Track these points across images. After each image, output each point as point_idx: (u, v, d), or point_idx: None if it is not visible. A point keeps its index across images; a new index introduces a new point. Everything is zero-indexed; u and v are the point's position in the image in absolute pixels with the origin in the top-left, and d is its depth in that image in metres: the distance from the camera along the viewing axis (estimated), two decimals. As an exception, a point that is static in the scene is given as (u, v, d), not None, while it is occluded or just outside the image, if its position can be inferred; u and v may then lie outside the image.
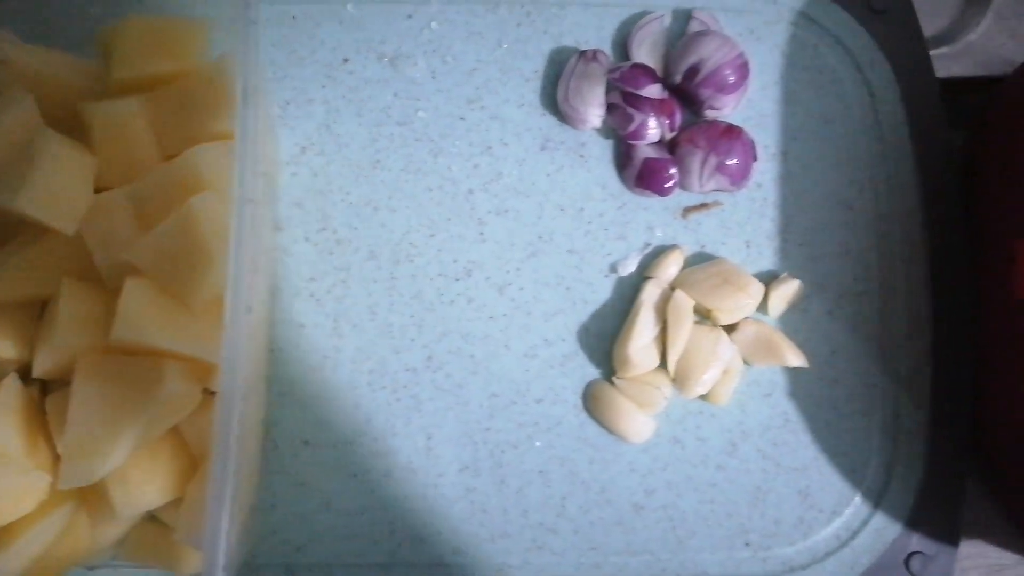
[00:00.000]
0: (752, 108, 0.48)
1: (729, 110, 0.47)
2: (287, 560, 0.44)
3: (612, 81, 0.46)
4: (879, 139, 0.48)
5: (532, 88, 0.48)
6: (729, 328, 0.46)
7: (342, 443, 0.45)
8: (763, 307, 0.46)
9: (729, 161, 0.46)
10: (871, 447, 0.46)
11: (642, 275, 0.47)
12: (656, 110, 0.46)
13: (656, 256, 0.47)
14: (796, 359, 0.45)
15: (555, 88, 0.48)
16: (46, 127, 0.38)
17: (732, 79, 0.46)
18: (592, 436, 0.45)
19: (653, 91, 0.46)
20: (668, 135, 0.47)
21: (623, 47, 0.49)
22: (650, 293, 0.45)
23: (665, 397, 0.45)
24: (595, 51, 0.47)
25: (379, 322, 0.46)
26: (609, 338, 0.46)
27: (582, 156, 0.48)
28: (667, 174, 0.46)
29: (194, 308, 0.35)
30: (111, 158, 0.39)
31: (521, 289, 0.46)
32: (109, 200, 0.38)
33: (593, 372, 0.46)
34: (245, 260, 0.32)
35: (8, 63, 0.39)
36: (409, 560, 0.44)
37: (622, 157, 0.47)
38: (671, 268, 0.46)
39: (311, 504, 0.44)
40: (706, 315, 0.46)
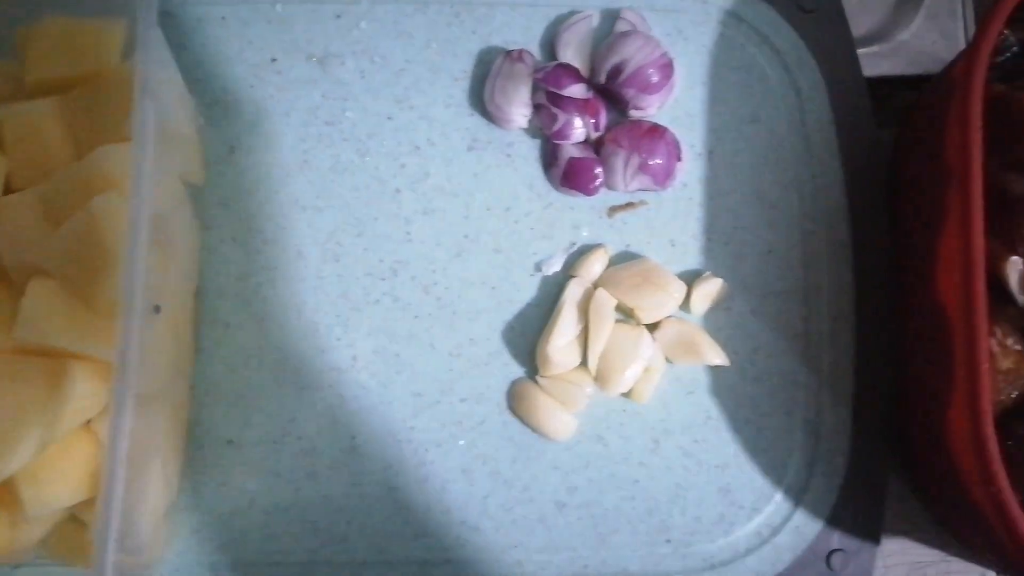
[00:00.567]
0: (679, 108, 0.49)
1: (655, 110, 0.48)
2: (210, 559, 0.44)
3: (536, 81, 0.46)
4: (805, 138, 0.48)
5: (460, 88, 0.49)
6: (652, 327, 0.46)
7: (266, 442, 0.45)
8: (687, 306, 0.46)
9: (652, 161, 0.46)
10: (793, 445, 0.46)
11: (567, 274, 0.47)
12: (580, 110, 0.46)
13: (581, 255, 0.47)
14: (717, 357, 0.45)
15: (483, 88, 0.48)
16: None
17: (656, 79, 0.46)
18: (515, 434, 0.46)
19: (576, 91, 0.46)
20: (594, 135, 0.47)
21: (551, 47, 0.49)
22: (573, 292, 0.46)
23: (587, 395, 0.45)
24: (521, 51, 0.47)
25: (305, 321, 0.46)
26: (533, 337, 0.46)
27: (509, 156, 0.48)
28: (592, 174, 0.47)
29: (98, 309, 0.36)
30: (23, 159, 0.39)
31: (447, 288, 0.47)
32: (18, 201, 0.38)
33: (518, 371, 0.46)
34: (141, 260, 0.32)
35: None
36: (332, 559, 0.44)
37: (548, 157, 0.48)
38: (595, 267, 0.46)
39: (235, 503, 0.45)
40: (629, 314, 0.46)
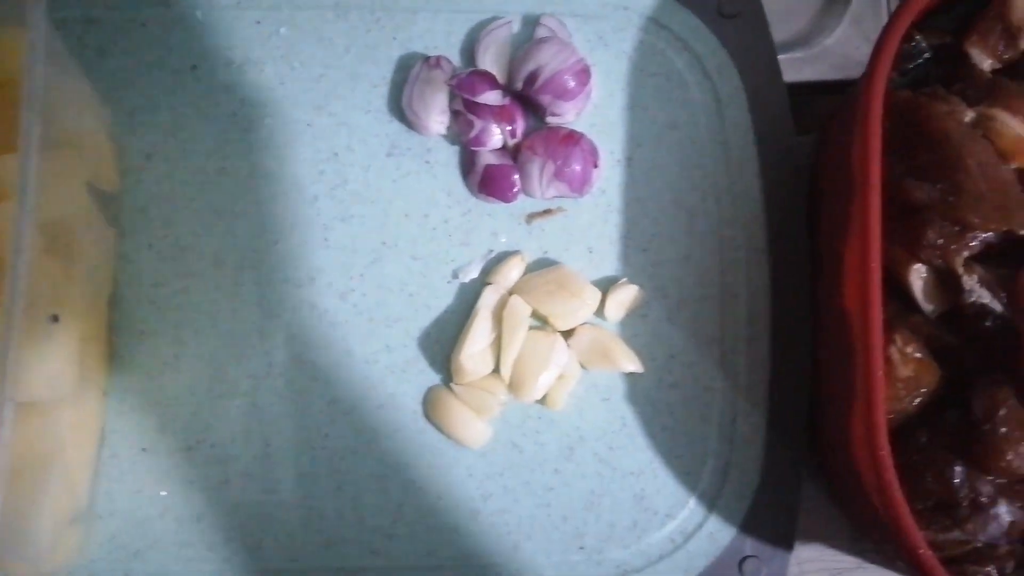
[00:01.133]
0: (598, 114, 0.49)
1: (573, 116, 0.48)
2: (124, 566, 0.44)
3: (451, 88, 0.46)
4: (724, 145, 0.48)
5: (380, 94, 0.49)
6: (567, 333, 0.46)
7: (180, 450, 0.45)
8: (603, 312, 0.46)
9: (568, 168, 0.46)
10: (707, 451, 0.46)
11: (484, 281, 0.47)
12: (496, 117, 0.46)
13: (498, 262, 0.47)
14: (631, 364, 0.45)
15: (402, 94, 0.48)
16: None
17: (571, 85, 0.46)
18: (431, 442, 0.46)
19: (492, 98, 0.46)
20: (511, 142, 0.47)
21: (472, 53, 0.49)
22: (488, 299, 0.46)
23: (501, 403, 0.45)
24: (438, 58, 0.47)
25: (221, 329, 0.46)
26: (450, 344, 0.46)
27: (428, 162, 0.48)
28: (509, 181, 0.47)
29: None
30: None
31: (364, 295, 0.47)
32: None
33: (434, 378, 0.46)
34: (23, 268, 0.32)
35: None
36: (245, 566, 0.44)
37: (466, 164, 0.48)
38: (511, 274, 0.46)
39: (149, 511, 0.45)
40: (545, 320, 0.46)
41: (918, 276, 0.40)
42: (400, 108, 0.48)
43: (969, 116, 0.40)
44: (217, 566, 0.44)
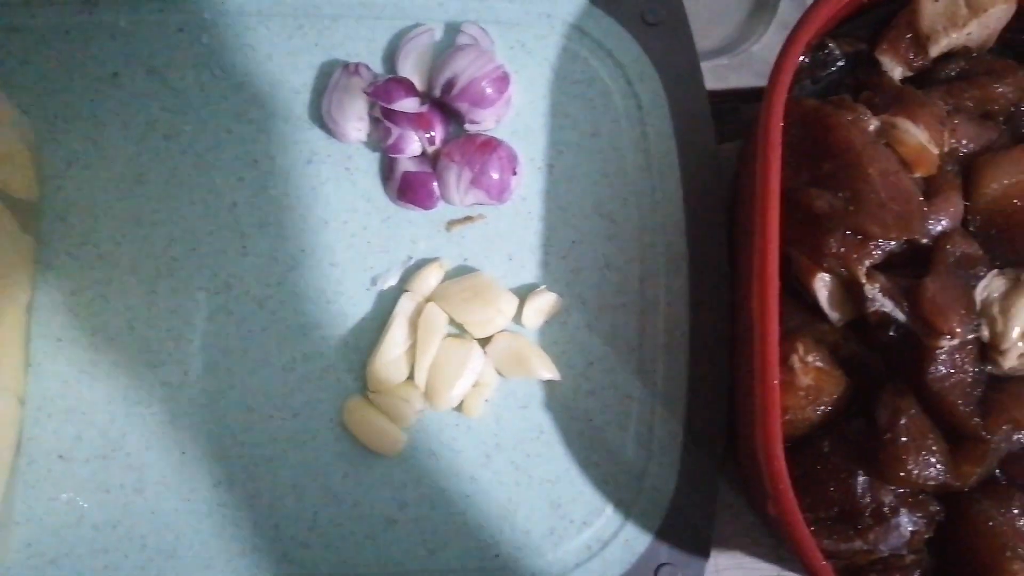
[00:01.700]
0: (519, 121, 0.49)
1: (492, 123, 0.48)
2: (40, 574, 0.44)
3: (367, 95, 0.46)
4: (646, 152, 0.48)
5: (301, 101, 0.48)
6: (486, 341, 0.46)
7: (96, 458, 0.45)
8: (522, 320, 0.46)
9: (485, 175, 0.46)
10: (624, 458, 0.46)
11: (402, 288, 0.47)
12: (414, 124, 0.46)
13: (417, 269, 0.47)
14: (547, 372, 0.45)
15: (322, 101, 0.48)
16: None
17: (489, 92, 0.46)
18: (347, 450, 0.45)
19: (408, 105, 0.46)
20: (430, 149, 0.47)
21: (393, 60, 0.49)
22: (404, 306, 0.46)
23: (416, 411, 0.45)
24: (357, 64, 0.47)
25: (137, 336, 0.46)
26: (367, 352, 0.46)
27: (348, 169, 0.48)
28: (428, 188, 0.47)
29: None
30: None
31: (282, 303, 0.47)
32: None
33: (351, 386, 0.46)
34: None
35: None
36: (160, 575, 0.44)
37: (386, 170, 0.48)
38: (429, 281, 0.46)
39: (65, 518, 0.44)
40: (462, 328, 0.46)
41: (823, 285, 0.40)
42: (321, 115, 0.48)
43: (874, 125, 0.40)
44: (132, 574, 0.44)
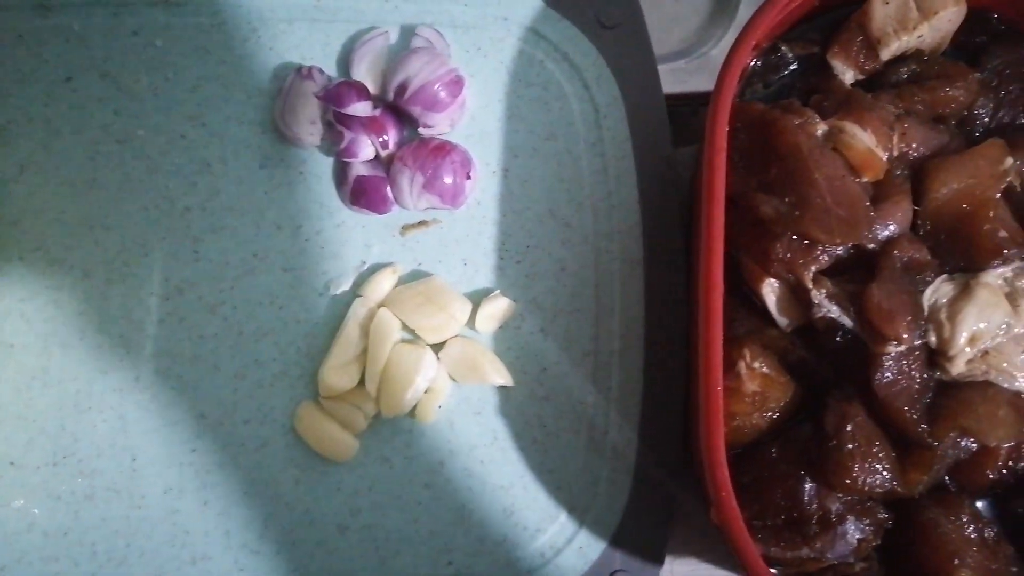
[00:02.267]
0: (475, 125, 0.48)
1: (446, 127, 0.47)
2: (-11, 583, 0.44)
3: (319, 99, 0.46)
4: (602, 156, 0.48)
5: (254, 105, 0.48)
6: (440, 346, 0.46)
7: (47, 465, 0.45)
8: (476, 325, 0.46)
9: (438, 179, 0.45)
10: (578, 465, 0.46)
11: (356, 294, 0.46)
12: (367, 128, 0.46)
13: (370, 274, 0.46)
14: (500, 378, 0.45)
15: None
16: None
17: (442, 96, 0.46)
18: (299, 457, 0.45)
19: (361, 109, 0.45)
20: (384, 153, 0.47)
21: (348, 64, 0.48)
22: (357, 312, 0.45)
23: (368, 416, 0.45)
24: (310, 68, 0.47)
25: (88, 342, 0.46)
26: (320, 358, 0.46)
27: (302, 173, 0.48)
28: (381, 192, 0.46)
29: None
30: None
31: (234, 308, 0.46)
32: None
33: (303, 392, 0.46)
34: None
35: None
36: (110, 582, 0.44)
37: (339, 175, 0.47)
38: (382, 286, 0.46)
39: (15, 525, 0.44)
40: (415, 334, 0.46)
41: (771, 290, 0.40)
42: (274, 119, 0.48)
43: (821, 129, 0.39)
44: (81, 582, 0.44)
